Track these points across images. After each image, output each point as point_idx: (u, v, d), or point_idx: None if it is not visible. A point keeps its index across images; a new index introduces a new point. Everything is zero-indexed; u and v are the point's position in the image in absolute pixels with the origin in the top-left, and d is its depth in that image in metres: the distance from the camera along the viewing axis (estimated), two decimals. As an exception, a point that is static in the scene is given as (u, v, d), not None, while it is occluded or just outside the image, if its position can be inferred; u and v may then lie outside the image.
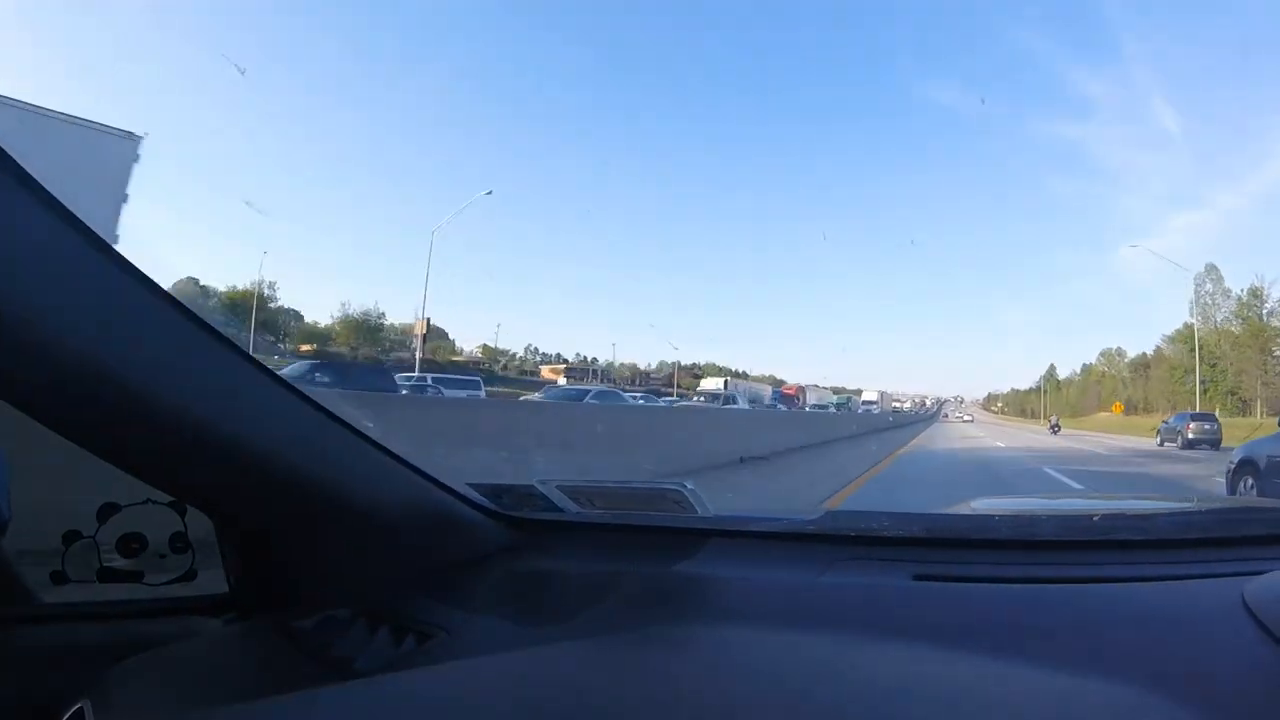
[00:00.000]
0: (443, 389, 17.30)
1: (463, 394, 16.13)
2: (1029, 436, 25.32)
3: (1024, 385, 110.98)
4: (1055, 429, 32.29)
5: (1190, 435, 20.60)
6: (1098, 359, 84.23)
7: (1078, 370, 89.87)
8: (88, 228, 0.51)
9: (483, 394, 19.23)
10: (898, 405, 75.82)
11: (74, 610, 0.80)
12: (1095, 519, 0.93)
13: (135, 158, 11.41)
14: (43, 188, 0.48)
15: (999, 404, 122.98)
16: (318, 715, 0.42)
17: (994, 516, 1.03)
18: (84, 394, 0.53)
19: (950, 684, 0.47)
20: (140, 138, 11.47)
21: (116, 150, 11.13)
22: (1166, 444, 21.44)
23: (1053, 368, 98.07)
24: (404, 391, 13.79)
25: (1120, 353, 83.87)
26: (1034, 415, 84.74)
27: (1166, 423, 23.63)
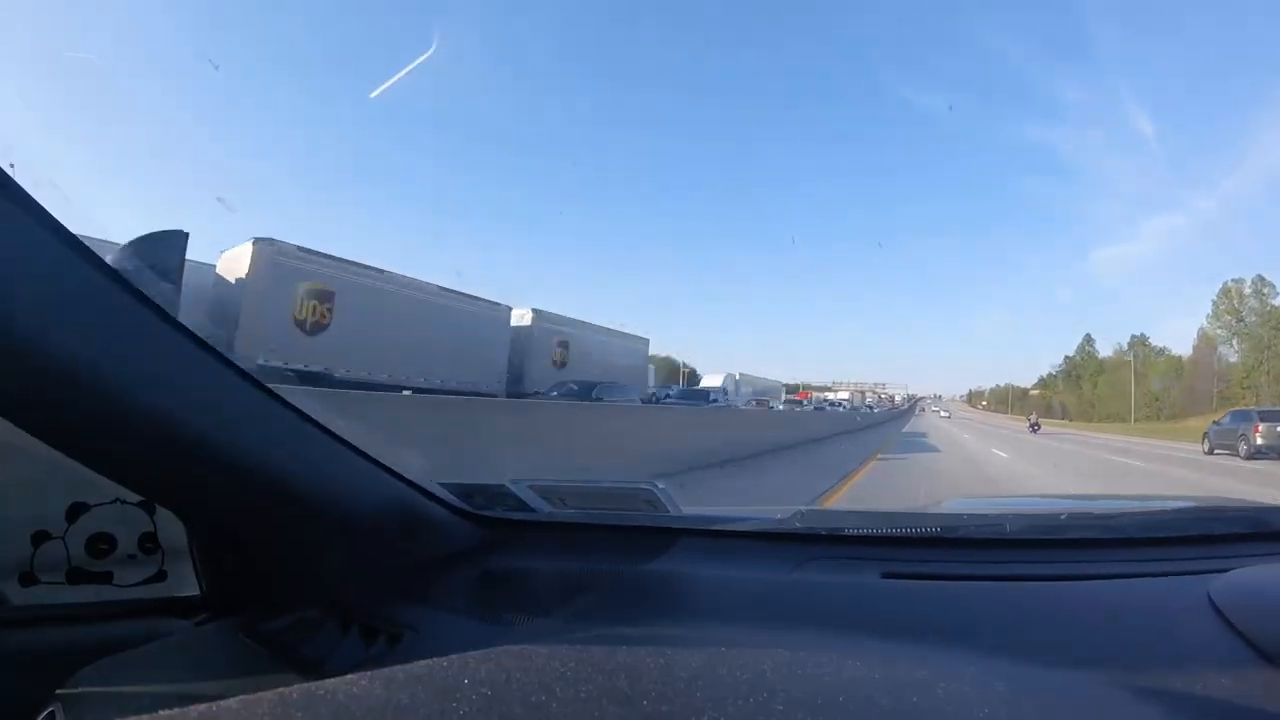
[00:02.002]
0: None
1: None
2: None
3: (1023, 380, 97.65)
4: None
5: (1259, 440, 14.29)
6: (1216, 301, 48.61)
7: (1123, 345, 61.96)
8: (65, 229, 0.50)
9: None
10: (830, 398, 56.15)
11: (43, 613, 0.80)
12: (1063, 518, 0.94)
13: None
14: (21, 189, 0.48)
15: (984, 401, 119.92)
16: (287, 717, 0.41)
17: (962, 515, 1.04)
18: (54, 393, 0.53)
19: (919, 680, 0.47)
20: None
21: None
22: (1218, 451, 15.78)
23: (1088, 340, 73.07)
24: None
25: (1263, 284, 42.79)
26: (1064, 416, 63.64)
27: (1218, 424, 16.93)
